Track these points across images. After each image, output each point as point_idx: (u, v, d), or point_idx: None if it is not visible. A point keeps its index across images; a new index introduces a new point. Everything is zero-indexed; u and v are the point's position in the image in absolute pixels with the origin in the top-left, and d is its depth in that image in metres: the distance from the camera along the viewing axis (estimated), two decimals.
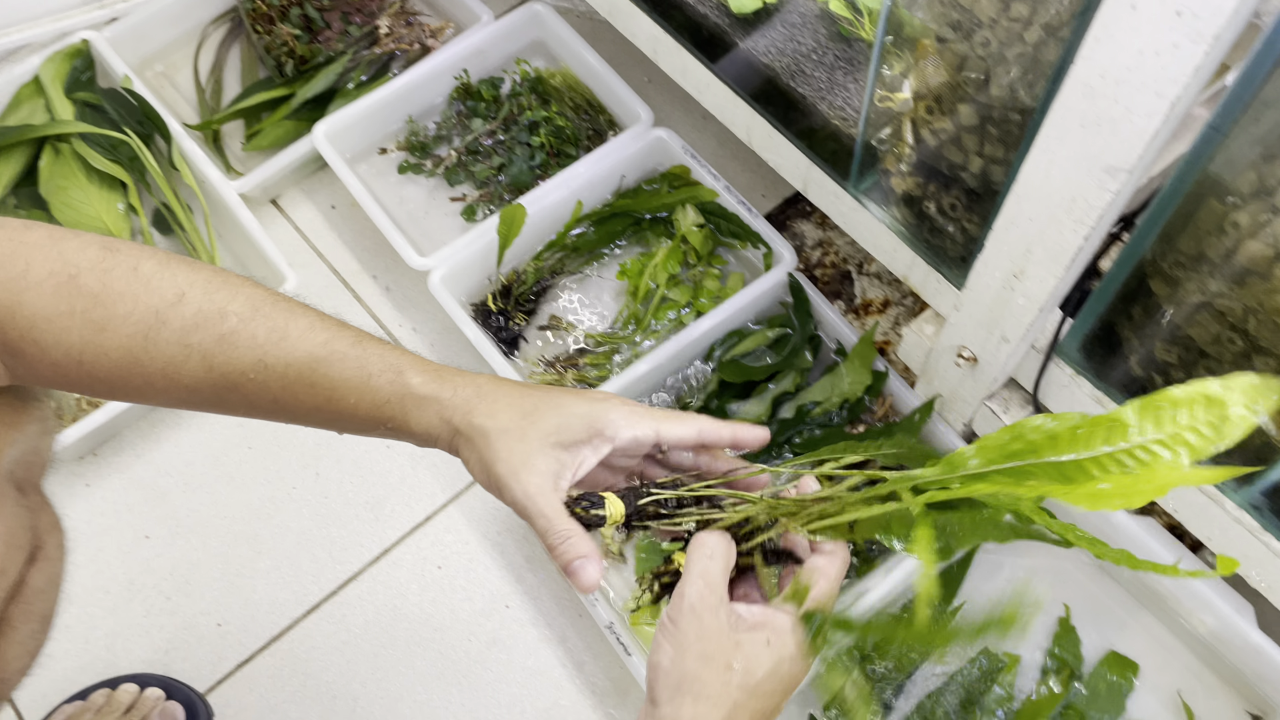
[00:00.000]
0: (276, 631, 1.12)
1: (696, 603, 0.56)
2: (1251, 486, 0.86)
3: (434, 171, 1.36)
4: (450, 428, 0.62)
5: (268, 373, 0.60)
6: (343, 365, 0.61)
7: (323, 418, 0.63)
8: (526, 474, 0.60)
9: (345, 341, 0.62)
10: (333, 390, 0.61)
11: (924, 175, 0.97)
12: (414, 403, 0.62)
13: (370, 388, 0.61)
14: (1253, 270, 0.73)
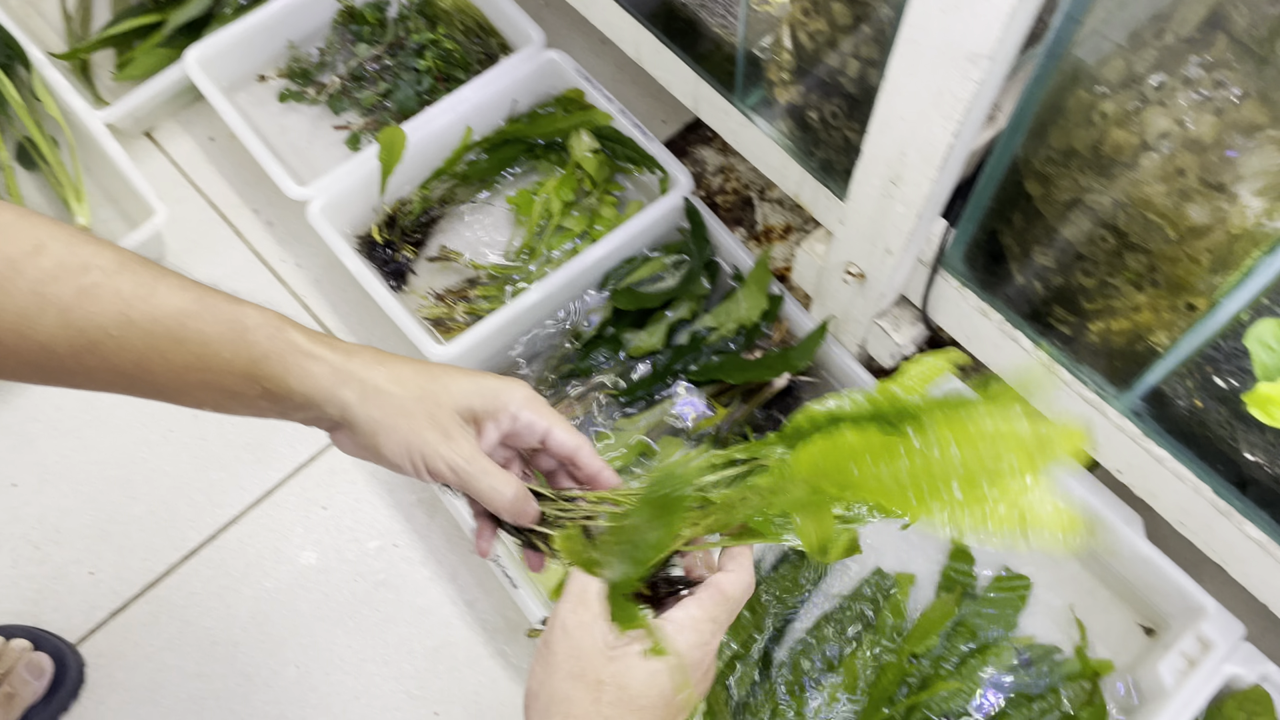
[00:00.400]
0: (152, 578, 1.07)
1: (568, 621, 0.53)
2: (1131, 392, 0.85)
3: (317, 99, 1.29)
4: (341, 392, 0.57)
5: (132, 329, 0.54)
6: (215, 318, 0.56)
7: (191, 381, 0.57)
8: (456, 436, 0.58)
9: (219, 297, 0.57)
10: (204, 346, 0.56)
11: (805, 83, 0.93)
12: (296, 358, 0.56)
13: (247, 342, 0.56)
14: (1120, 161, 0.70)
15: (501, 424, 0.61)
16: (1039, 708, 0.95)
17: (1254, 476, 0.80)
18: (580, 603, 0.53)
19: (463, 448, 0.58)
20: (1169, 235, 0.70)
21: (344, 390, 0.56)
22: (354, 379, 0.57)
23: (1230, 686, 0.92)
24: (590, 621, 0.52)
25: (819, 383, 1.13)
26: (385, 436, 0.57)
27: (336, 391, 0.56)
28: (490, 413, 0.60)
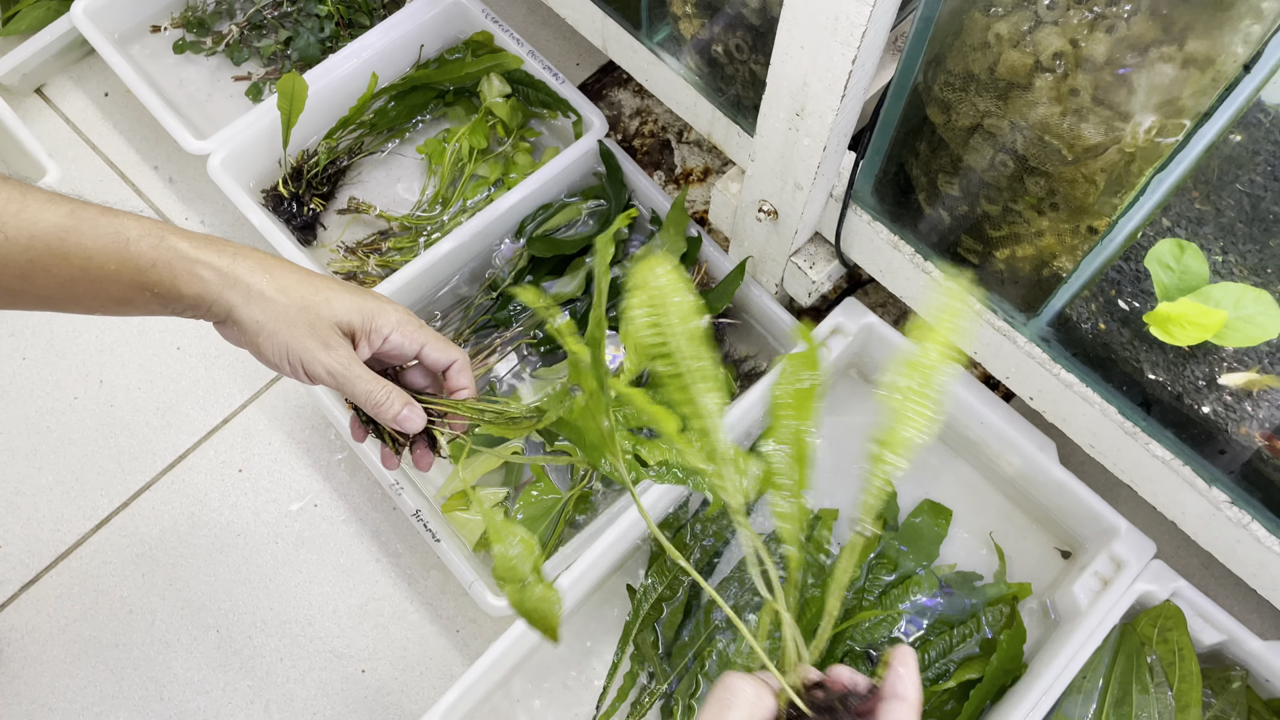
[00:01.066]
0: (63, 549, 1.04)
1: None
2: (1039, 318, 0.85)
3: (215, 49, 1.24)
4: (227, 294, 0.61)
5: (9, 246, 0.55)
6: (95, 231, 0.58)
7: (78, 292, 0.59)
8: (335, 345, 0.63)
9: (94, 210, 0.58)
10: (88, 260, 0.57)
11: (710, 17, 0.91)
12: (184, 264, 0.59)
13: (131, 253, 0.58)
14: (1016, 84, 0.70)
15: (374, 342, 0.66)
16: (960, 633, 0.96)
17: (1157, 396, 0.81)
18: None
19: (340, 355, 0.63)
20: (1066, 157, 0.70)
21: (229, 293, 0.60)
22: (239, 283, 0.61)
23: (1142, 603, 0.94)
24: None
25: (740, 324, 1.12)
26: (266, 339, 0.62)
27: (223, 294, 0.60)
28: (365, 331, 0.66)
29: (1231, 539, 0.84)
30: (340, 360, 0.63)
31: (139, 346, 1.13)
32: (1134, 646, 0.92)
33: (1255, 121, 0.80)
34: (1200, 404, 0.78)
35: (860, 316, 1.02)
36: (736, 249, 1.09)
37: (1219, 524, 0.84)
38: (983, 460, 1.05)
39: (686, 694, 0.95)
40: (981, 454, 1.04)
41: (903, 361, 0.57)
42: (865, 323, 1.02)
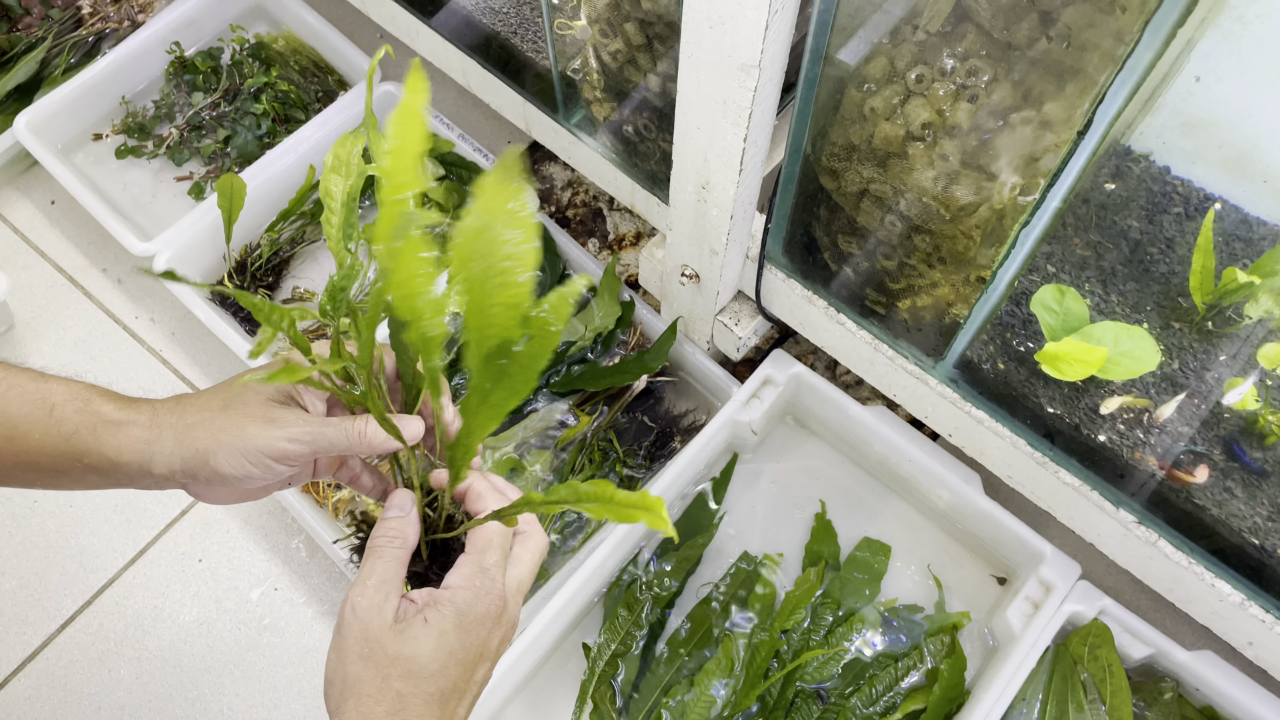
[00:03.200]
0: (29, 652, 1.06)
1: (358, 603, 0.53)
2: (945, 361, 0.90)
3: (156, 152, 1.29)
4: (158, 446, 0.56)
5: None
6: (20, 399, 0.55)
7: (6, 464, 0.56)
8: (278, 416, 0.56)
9: (23, 377, 0.57)
10: (12, 428, 0.55)
11: (617, 100, 0.97)
12: (108, 430, 0.56)
13: (55, 419, 0.55)
14: (891, 152, 0.76)
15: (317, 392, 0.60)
16: (904, 665, 1.00)
17: (1058, 428, 0.86)
18: (368, 584, 0.54)
19: (291, 419, 0.56)
20: (944, 216, 0.76)
21: (160, 443, 0.56)
22: (165, 429, 0.56)
23: (1073, 623, 0.99)
24: (381, 602, 0.53)
25: (676, 381, 1.17)
26: (216, 459, 0.56)
27: (154, 447, 0.56)
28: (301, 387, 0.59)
29: (1144, 556, 0.89)
30: (295, 424, 0.56)
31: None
32: (1067, 666, 0.97)
33: (1126, 170, 0.86)
34: (1095, 433, 0.84)
35: (788, 367, 1.07)
36: (667, 310, 1.14)
37: (1131, 543, 0.88)
38: (916, 495, 1.10)
39: None
40: (914, 490, 1.09)
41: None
42: (793, 372, 1.07)
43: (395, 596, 0.54)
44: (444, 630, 0.53)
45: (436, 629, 0.53)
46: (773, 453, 1.14)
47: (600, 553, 1.01)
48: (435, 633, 0.53)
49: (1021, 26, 0.69)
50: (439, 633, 0.53)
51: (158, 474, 0.57)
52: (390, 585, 0.54)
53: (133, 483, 0.58)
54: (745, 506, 1.12)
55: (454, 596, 0.54)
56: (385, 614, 0.53)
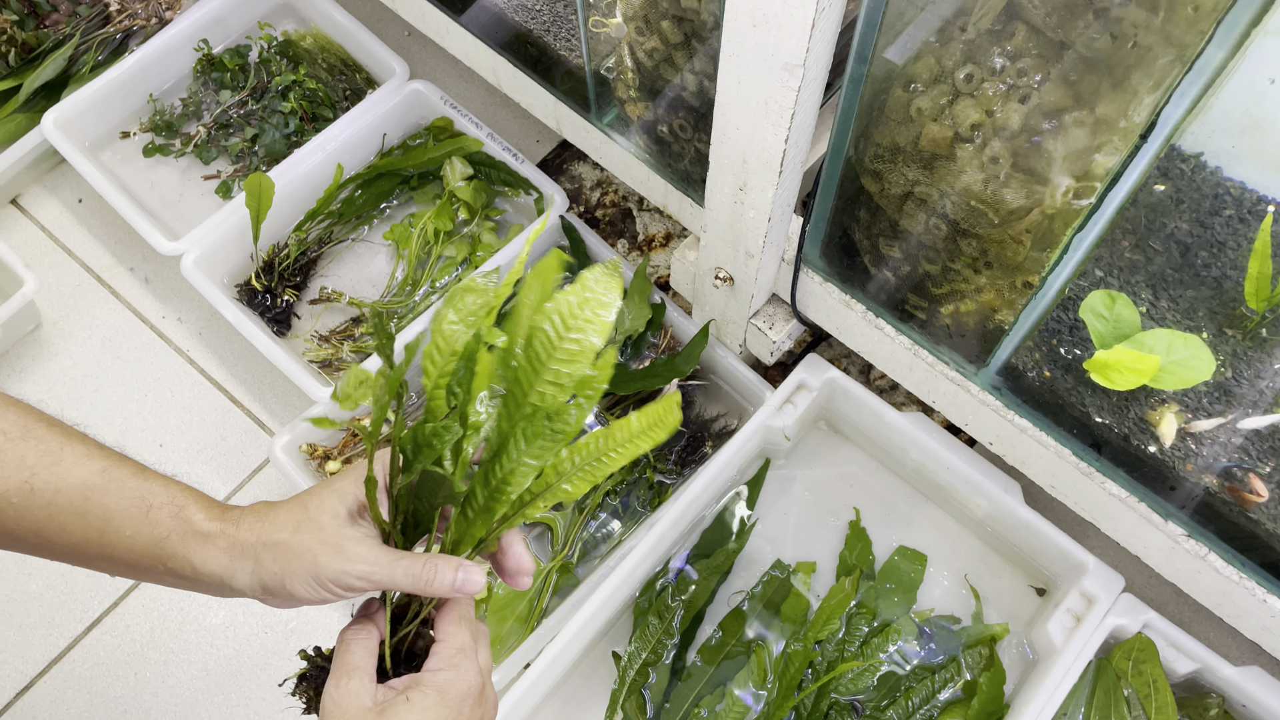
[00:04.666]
0: (55, 653, 1.06)
1: (336, 694, 0.55)
2: (988, 368, 0.88)
3: (184, 151, 1.28)
4: (239, 565, 0.58)
5: (33, 498, 0.55)
6: (120, 494, 0.57)
7: (93, 554, 0.58)
8: (348, 548, 0.57)
9: (126, 470, 0.58)
10: (106, 522, 0.56)
11: (652, 100, 0.95)
12: (197, 541, 0.57)
13: (149, 520, 0.57)
14: (938, 154, 0.73)
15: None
16: (941, 678, 0.98)
17: (1106, 438, 0.84)
18: (343, 674, 0.55)
19: (360, 555, 0.57)
20: (992, 220, 0.74)
21: (241, 562, 0.57)
22: (247, 549, 0.58)
23: (1116, 637, 0.96)
24: (357, 689, 0.55)
25: (708, 384, 1.15)
26: (293, 584, 0.57)
27: (235, 566, 0.57)
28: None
29: (1192, 570, 0.86)
30: (364, 560, 0.57)
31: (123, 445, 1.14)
32: (1110, 681, 0.94)
33: (1177, 171, 0.83)
34: (1146, 444, 0.81)
35: (823, 372, 1.05)
36: (699, 313, 1.12)
37: (1179, 557, 0.86)
38: (953, 504, 1.07)
39: None
40: (951, 498, 1.06)
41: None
42: (828, 377, 1.05)
43: (370, 683, 0.56)
44: (427, 707, 0.54)
45: (419, 707, 0.54)
46: (806, 459, 1.12)
47: (631, 560, 0.99)
48: (418, 710, 0.54)
49: (1077, 25, 0.66)
50: (422, 710, 0.54)
51: (236, 589, 0.58)
52: (364, 673, 0.56)
53: (209, 591, 0.60)
54: (778, 514, 1.10)
55: (435, 678, 0.56)
56: (362, 699, 0.55)
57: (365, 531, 0.58)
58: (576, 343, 0.52)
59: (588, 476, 0.55)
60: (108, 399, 1.18)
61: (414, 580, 0.57)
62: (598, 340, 0.52)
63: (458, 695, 0.55)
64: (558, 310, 0.52)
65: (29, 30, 1.33)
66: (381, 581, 0.57)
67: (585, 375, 0.52)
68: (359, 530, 0.58)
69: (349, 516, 0.58)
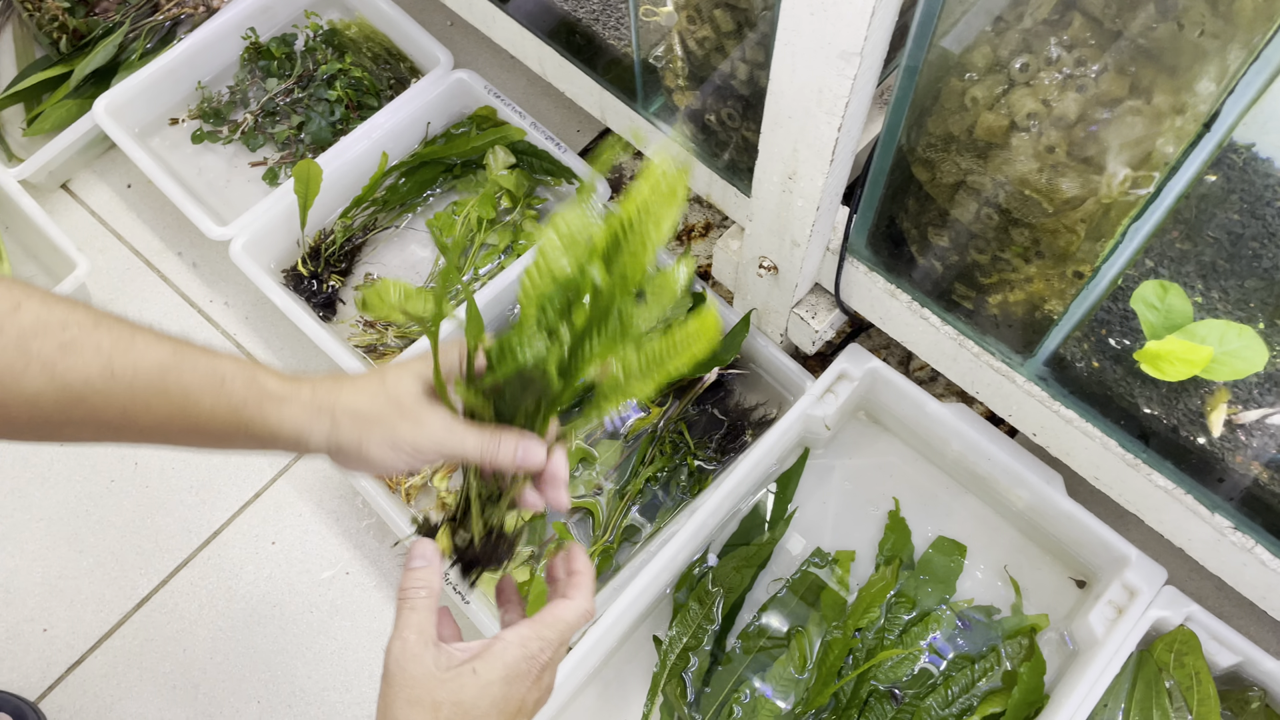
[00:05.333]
0: (106, 629, 1.08)
1: (399, 654, 0.58)
2: (1034, 358, 0.88)
3: (231, 137, 1.30)
4: (317, 424, 0.62)
5: (115, 381, 0.57)
6: (194, 370, 0.59)
7: (176, 429, 0.60)
8: (426, 420, 0.63)
9: (195, 350, 0.61)
10: (185, 397, 0.59)
11: (701, 88, 0.96)
12: (273, 404, 0.61)
13: (225, 391, 0.60)
14: (993, 143, 0.74)
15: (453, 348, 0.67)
16: (980, 667, 0.98)
17: (1154, 429, 0.84)
18: (410, 634, 0.58)
19: (436, 426, 0.63)
20: (1046, 209, 0.74)
21: (319, 422, 0.61)
22: (324, 409, 0.62)
23: (1158, 629, 0.96)
24: (420, 652, 0.58)
25: (748, 374, 1.16)
26: (369, 447, 0.62)
27: (313, 424, 0.61)
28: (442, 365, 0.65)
29: (1238, 563, 0.86)
30: (440, 432, 0.63)
31: None
32: (1151, 673, 0.94)
33: (1229, 162, 0.83)
34: (1196, 435, 0.81)
35: (864, 361, 1.06)
36: (740, 302, 1.12)
37: (1225, 549, 0.86)
38: (993, 495, 1.08)
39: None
40: (991, 489, 1.07)
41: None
42: (869, 367, 1.05)
43: (432, 643, 0.59)
44: (490, 681, 0.58)
45: (483, 679, 0.58)
46: (845, 449, 1.13)
47: (672, 546, 1.00)
48: (482, 683, 0.58)
49: (1136, 14, 0.66)
50: (485, 683, 0.58)
51: (312, 447, 0.62)
52: (426, 633, 0.59)
53: (286, 449, 0.63)
54: (817, 503, 1.10)
55: (504, 653, 0.59)
56: (425, 662, 0.58)
57: (439, 408, 0.63)
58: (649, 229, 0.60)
59: (651, 376, 0.63)
60: None
61: (481, 450, 0.63)
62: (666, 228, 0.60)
63: (519, 674, 0.59)
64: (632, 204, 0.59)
65: (80, 17, 1.35)
66: (454, 450, 0.63)
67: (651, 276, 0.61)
68: (434, 406, 0.63)
69: (426, 393, 0.64)
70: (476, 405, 0.65)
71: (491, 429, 0.64)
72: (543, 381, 0.62)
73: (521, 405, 0.64)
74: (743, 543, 1.07)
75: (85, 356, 0.56)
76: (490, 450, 0.64)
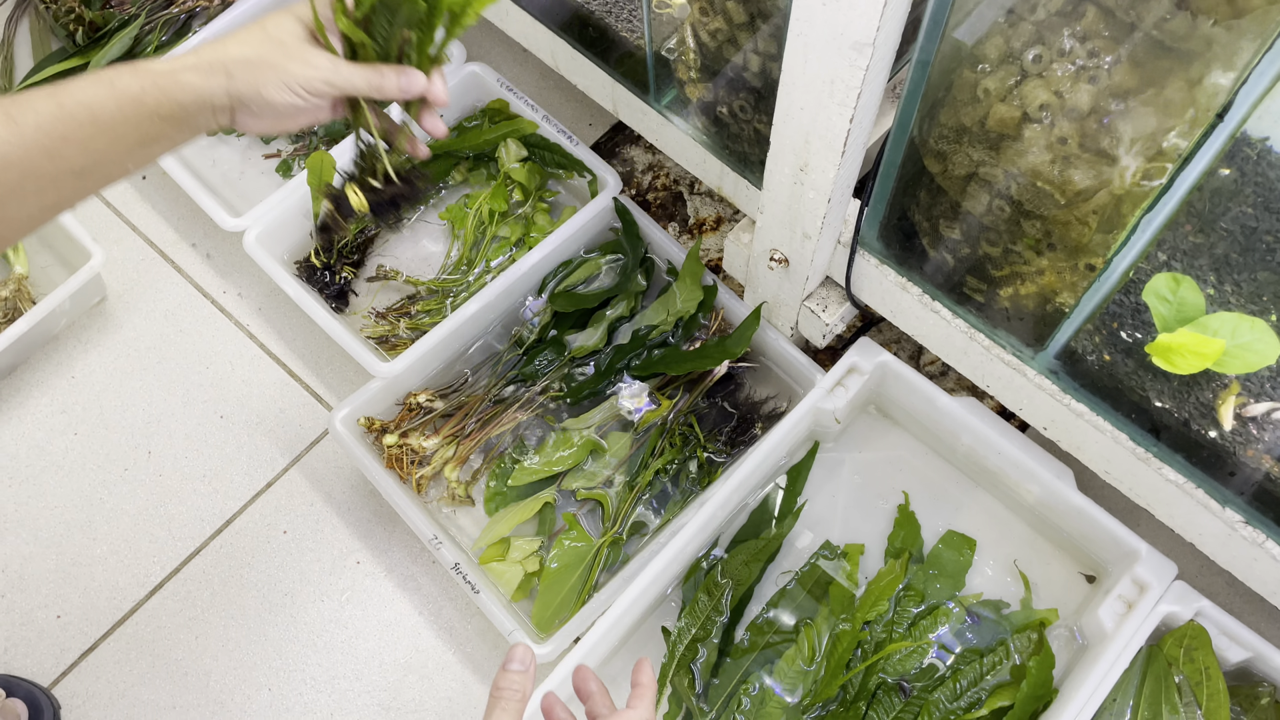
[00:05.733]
0: (119, 616, 1.09)
1: None
2: (1046, 351, 0.88)
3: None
4: (214, 80, 0.65)
5: (25, 130, 0.61)
6: (92, 91, 0.63)
7: (102, 147, 0.64)
8: (313, 59, 0.68)
9: (80, 79, 0.64)
10: (91, 112, 0.63)
11: (713, 81, 0.96)
12: (167, 80, 0.65)
13: (118, 89, 0.64)
14: (1006, 135, 0.74)
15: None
16: (989, 661, 0.98)
17: (1164, 422, 0.84)
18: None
19: (323, 63, 0.68)
20: (1058, 201, 0.74)
21: (214, 78, 0.66)
22: (216, 66, 0.66)
23: (1167, 624, 0.96)
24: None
25: (758, 367, 1.16)
26: (267, 90, 0.67)
27: (210, 83, 0.66)
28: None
29: (1249, 558, 0.86)
30: (326, 68, 0.69)
31: (184, 417, 1.18)
32: (1161, 667, 0.94)
33: (1242, 155, 0.83)
34: (1207, 429, 0.81)
35: (875, 355, 1.06)
36: (751, 295, 1.12)
37: (1236, 544, 0.86)
38: (1003, 489, 1.07)
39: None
40: (1001, 483, 1.07)
41: None
42: (880, 361, 1.05)
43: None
44: None
45: None
46: (855, 442, 1.13)
47: (681, 537, 1.00)
48: None
49: (1149, 5, 0.66)
50: None
51: (218, 105, 0.66)
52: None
53: (199, 123, 0.67)
54: (826, 496, 1.10)
55: None
56: None
57: (322, 50, 0.69)
58: None
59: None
60: (170, 371, 1.21)
61: (368, 81, 0.70)
62: None
63: None
64: None
65: (95, 9, 1.36)
66: (343, 84, 0.69)
67: None
68: (318, 48, 0.69)
69: (308, 36, 0.69)
70: (356, 40, 0.70)
71: (375, 64, 0.70)
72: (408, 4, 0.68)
73: (395, 33, 0.70)
74: (752, 535, 1.07)
75: (36, 101, 0.61)
76: (375, 81, 0.70)
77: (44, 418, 1.18)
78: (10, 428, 1.17)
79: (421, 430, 1.11)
